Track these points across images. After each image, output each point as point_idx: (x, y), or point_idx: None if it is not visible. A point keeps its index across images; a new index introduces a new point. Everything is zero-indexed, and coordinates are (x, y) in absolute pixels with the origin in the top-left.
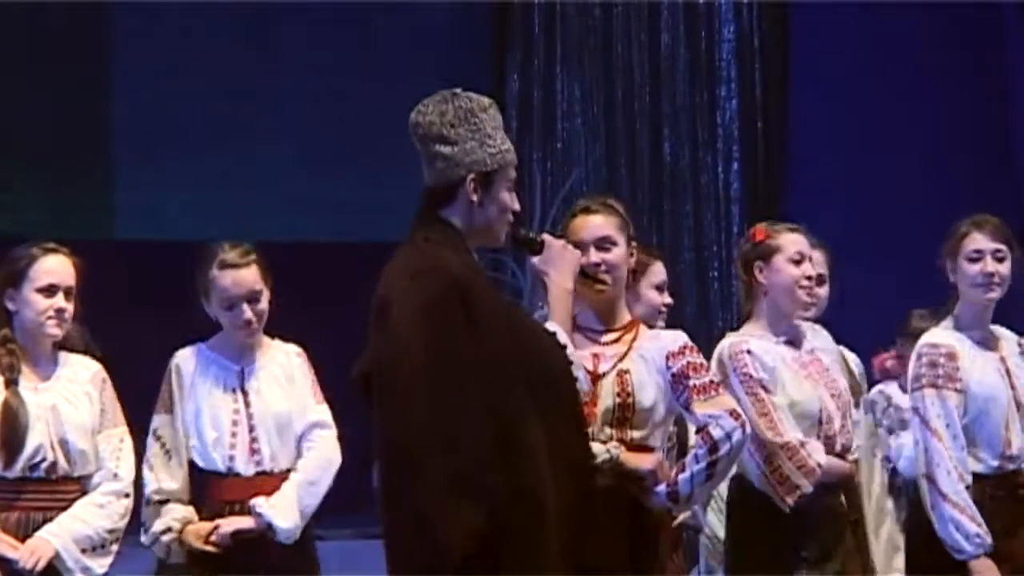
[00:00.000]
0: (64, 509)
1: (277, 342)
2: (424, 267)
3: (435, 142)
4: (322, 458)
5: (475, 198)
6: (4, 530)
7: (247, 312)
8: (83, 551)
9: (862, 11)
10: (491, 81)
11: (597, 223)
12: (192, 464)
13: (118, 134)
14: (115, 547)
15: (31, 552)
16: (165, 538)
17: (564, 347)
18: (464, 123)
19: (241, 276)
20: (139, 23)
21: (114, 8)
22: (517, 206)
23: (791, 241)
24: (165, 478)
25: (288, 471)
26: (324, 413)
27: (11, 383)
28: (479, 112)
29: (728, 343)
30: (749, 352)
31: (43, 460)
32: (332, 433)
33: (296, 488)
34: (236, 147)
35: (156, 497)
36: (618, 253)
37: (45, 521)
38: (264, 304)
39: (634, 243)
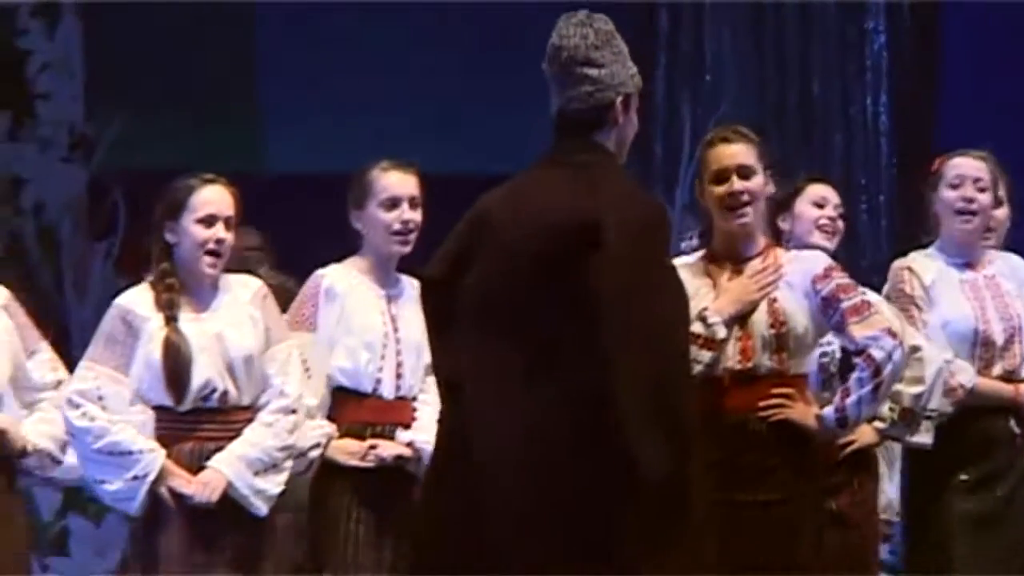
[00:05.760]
0: (236, 438)
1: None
2: (627, 190)
3: (581, 65)
4: None
5: (621, 120)
6: (177, 461)
7: (407, 213)
8: (255, 474)
9: None
10: (640, 16)
11: (737, 151)
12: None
13: (266, 65)
14: (289, 463)
15: (203, 485)
16: (312, 454)
17: None
18: (607, 46)
19: (406, 177)
20: None
21: None
22: None
23: (952, 165)
24: (306, 395)
25: (415, 398)
26: None
27: (171, 320)
28: (616, 34)
29: (898, 260)
30: (909, 269)
31: (213, 391)
32: None
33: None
34: (387, 77)
35: None
36: (758, 182)
37: (217, 450)
38: (418, 217)
39: (770, 171)
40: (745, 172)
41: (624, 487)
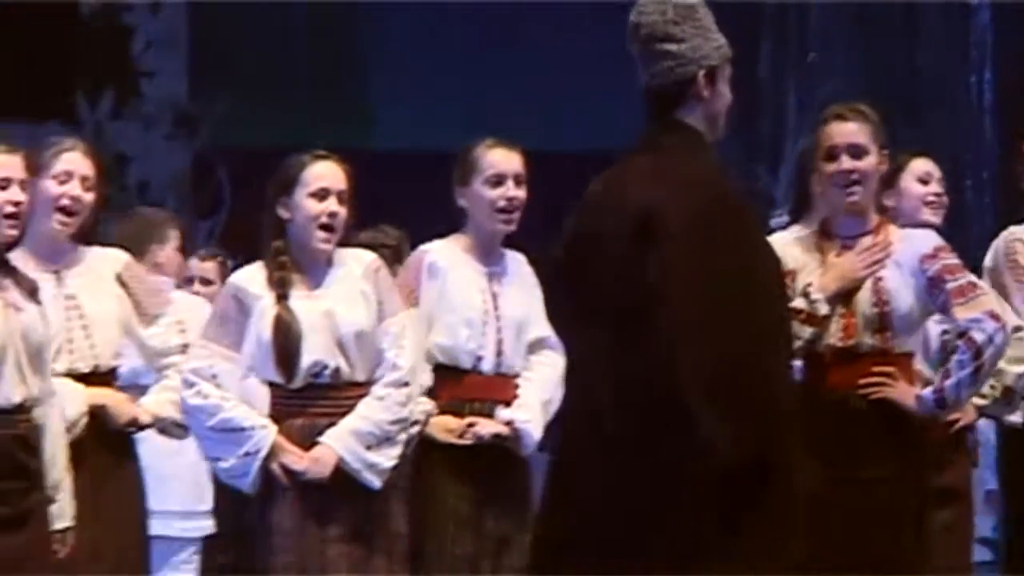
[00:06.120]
0: (349, 413)
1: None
2: (697, 175)
3: (661, 41)
4: (556, 378)
5: (706, 94)
6: (289, 437)
7: (512, 190)
8: (367, 448)
9: None
10: None
11: (850, 130)
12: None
13: (375, 46)
14: (403, 436)
15: (315, 461)
16: (413, 430)
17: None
18: (688, 20)
19: (510, 155)
20: None
21: None
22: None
23: None
24: (420, 371)
25: (517, 376)
26: (550, 329)
27: (282, 298)
28: (699, 8)
29: (1005, 232)
30: (1021, 241)
31: (324, 368)
32: (560, 352)
33: (540, 404)
34: (493, 57)
35: None
36: (870, 161)
37: (330, 426)
38: (523, 194)
39: (885, 150)
40: (856, 151)
41: (694, 473)
